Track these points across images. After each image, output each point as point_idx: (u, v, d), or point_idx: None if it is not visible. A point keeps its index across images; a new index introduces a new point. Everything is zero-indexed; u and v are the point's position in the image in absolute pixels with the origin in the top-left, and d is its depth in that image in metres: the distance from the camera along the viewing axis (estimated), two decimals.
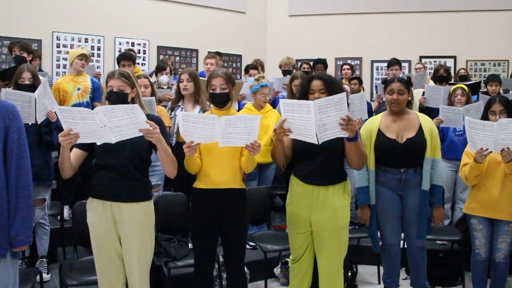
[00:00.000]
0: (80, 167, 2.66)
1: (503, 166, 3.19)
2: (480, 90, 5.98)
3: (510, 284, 3.89)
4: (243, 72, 7.03)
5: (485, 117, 3.36)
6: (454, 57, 8.64)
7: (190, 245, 3.45)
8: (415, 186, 3.22)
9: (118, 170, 2.52)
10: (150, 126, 2.35)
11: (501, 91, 6.03)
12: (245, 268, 3.10)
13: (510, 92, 6.07)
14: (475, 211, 3.36)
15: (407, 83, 3.27)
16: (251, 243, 4.07)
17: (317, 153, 2.74)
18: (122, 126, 2.30)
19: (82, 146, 2.56)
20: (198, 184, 2.84)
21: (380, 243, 3.39)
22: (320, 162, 2.77)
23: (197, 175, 2.85)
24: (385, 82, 3.45)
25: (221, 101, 2.85)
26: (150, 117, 2.47)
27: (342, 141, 2.71)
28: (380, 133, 3.25)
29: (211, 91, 2.85)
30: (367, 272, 4.19)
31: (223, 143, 2.54)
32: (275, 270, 4.05)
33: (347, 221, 2.86)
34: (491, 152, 3.04)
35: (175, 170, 2.61)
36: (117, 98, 2.57)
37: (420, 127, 3.21)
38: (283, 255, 4.00)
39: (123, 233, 2.55)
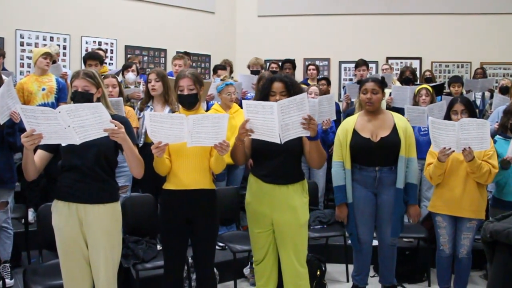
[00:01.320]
0: (45, 168, 2.60)
1: (465, 165, 3.27)
2: (445, 91, 6.14)
3: (473, 278, 4.01)
4: (211, 73, 7.00)
5: (447, 117, 3.45)
6: (420, 59, 8.86)
7: (158, 247, 3.42)
8: (390, 184, 3.26)
9: (84, 171, 2.48)
10: (115, 126, 2.32)
11: (464, 92, 6.22)
12: (215, 269, 3.09)
13: (472, 92, 6.28)
14: (439, 209, 3.45)
15: (381, 83, 3.33)
16: (220, 244, 4.06)
17: (276, 153, 2.76)
18: (87, 126, 2.25)
19: (46, 147, 2.50)
20: (167, 185, 2.82)
21: None
22: (279, 162, 2.80)
23: (167, 176, 2.82)
24: (360, 82, 3.50)
25: (189, 102, 2.82)
26: (116, 117, 2.43)
27: (300, 141, 2.76)
28: (355, 133, 3.29)
29: (179, 92, 2.83)
30: (336, 271, 4.23)
31: (192, 143, 2.52)
32: (244, 270, 4.05)
33: (307, 219, 2.90)
34: (453, 151, 3.13)
35: (142, 171, 2.58)
36: (82, 98, 2.52)
37: (395, 126, 3.25)
38: (252, 255, 4.00)
39: (90, 236, 2.50)
